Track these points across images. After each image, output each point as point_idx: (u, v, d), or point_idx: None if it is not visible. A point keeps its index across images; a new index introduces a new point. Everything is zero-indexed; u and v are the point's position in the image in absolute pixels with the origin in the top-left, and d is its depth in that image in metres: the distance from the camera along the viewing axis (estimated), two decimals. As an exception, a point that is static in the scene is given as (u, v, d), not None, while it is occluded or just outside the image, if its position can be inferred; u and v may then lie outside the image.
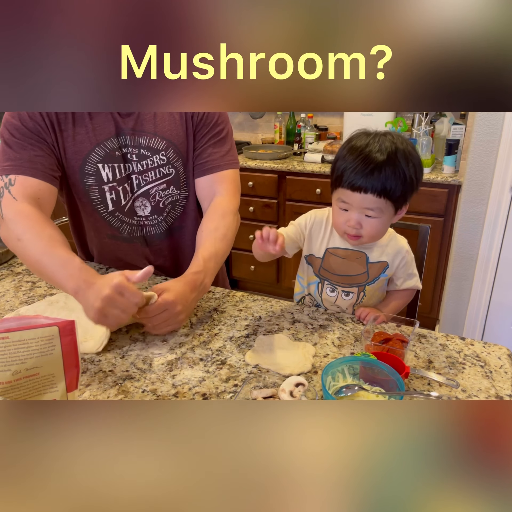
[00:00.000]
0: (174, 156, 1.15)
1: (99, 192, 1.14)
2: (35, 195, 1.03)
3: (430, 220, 2.37)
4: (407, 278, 1.11)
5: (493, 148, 2.10)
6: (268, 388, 0.78)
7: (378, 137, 0.94)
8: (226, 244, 1.09)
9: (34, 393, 0.69)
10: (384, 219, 0.97)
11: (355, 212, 0.96)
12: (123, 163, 1.12)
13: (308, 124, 2.98)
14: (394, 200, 0.94)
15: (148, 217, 1.20)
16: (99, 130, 1.08)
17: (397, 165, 0.91)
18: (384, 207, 0.95)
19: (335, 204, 1.01)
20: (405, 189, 0.94)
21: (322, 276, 1.11)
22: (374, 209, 0.95)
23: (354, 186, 0.93)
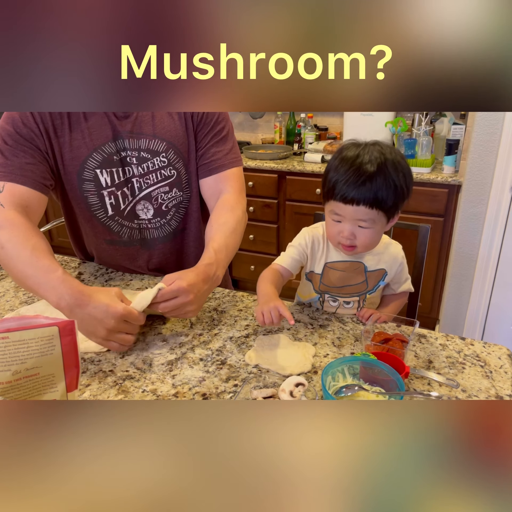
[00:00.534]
0: (175, 158, 1.14)
1: (98, 198, 1.13)
2: (23, 203, 1.01)
3: (430, 220, 2.37)
4: (402, 282, 1.14)
5: (493, 148, 2.10)
6: (268, 388, 0.78)
7: (367, 148, 0.95)
8: (235, 238, 1.10)
9: (34, 393, 0.69)
10: (377, 229, 0.99)
11: (348, 223, 0.97)
12: (121, 167, 1.11)
13: (308, 124, 2.98)
14: (386, 210, 0.96)
15: (151, 220, 1.19)
16: (95, 134, 1.07)
17: (387, 176, 0.92)
18: (377, 217, 0.96)
19: (328, 215, 1.02)
20: (397, 199, 0.95)
21: (322, 291, 1.11)
22: (367, 220, 0.96)
23: (346, 199, 0.94)
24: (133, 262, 1.25)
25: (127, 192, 1.14)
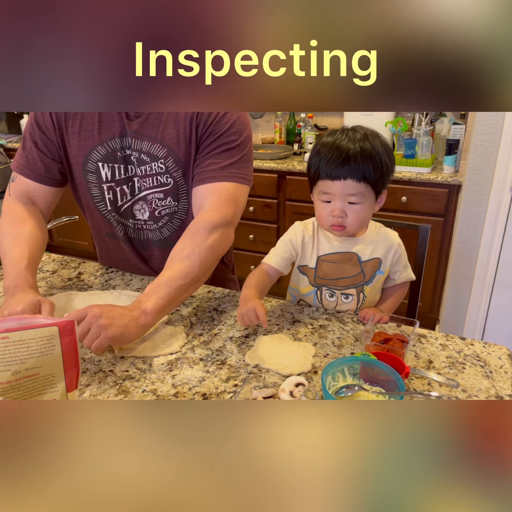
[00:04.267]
0: (173, 166, 1.09)
1: (99, 190, 1.14)
2: (29, 194, 1.14)
3: (430, 220, 2.37)
4: (402, 271, 1.13)
5: (493, 148, 2.10)
6: (268, 388, 0.78)
7: (346, 131, 1.00)
8: (189, 262, 0.98)
9: (34, 393, 0.69)
10: (367, 205, 1.00)
11: (338, 200, 0.99)
12: (124, 164, 1.11)
13: (308, 124, 2.98)
14: (373, 184, 0.97)
15: (146, 222, 1.19)
16: (104, 129, 1.08)
17: (370, 150, 0.96)
18: (366, 191, 0.98)
19: (317, 198, 1.03)
20: (382, 172, 0.97)
21: (318, 284, 1.11)
22: (356, 194, 0.98)
23: (333, 175, 0.97)
24: (131, 258, 1.26)
25: (127, 190, 1.14)
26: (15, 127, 3.52)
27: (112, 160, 1.10)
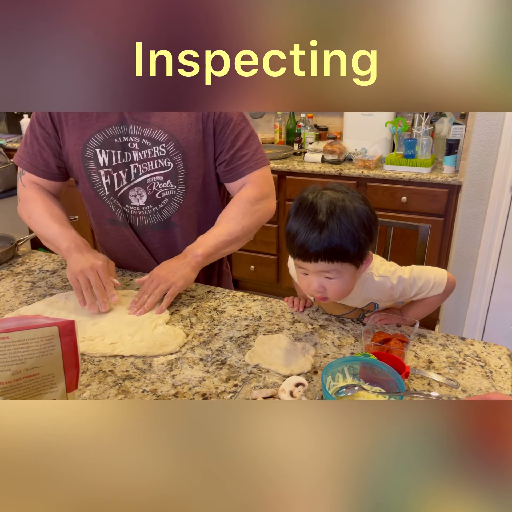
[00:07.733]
0: (174, 150, 1.16)
1: (98, 176, 1.19)
2: (38, 186, 1.26)
3: (430, 220, 2.37)
4: (417, 294, 0.99)
5: (493, 148, 2.10)
6: (268, 388, 0.78)
7: (313, 213, 0.86)
8: (234, 224, 1.18)
9: (34, 393, 0.69)
10: (346, 278, 0.90)
11: (314, 276, 0.90)
12: (121, 150, 1.16)
13: (308, 124, 2.98)
14: (349, 260, 0.87)
15: (142, 207, 1.22)
16: (103, 117, 1.14)
17: (339, 227, 0.84)
18: (341, 268, 0.87)
19: (296, 267, 0.94)
20: (359, 247, 0.86)
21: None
22: (330, 271, 0.88)
23: (304, 257, 0.87)
24: (132, 243, 1.28)
25: (123, 175, 1.19)
26: (15, 127, 3.51)
27: (110, 146, 1.15)
